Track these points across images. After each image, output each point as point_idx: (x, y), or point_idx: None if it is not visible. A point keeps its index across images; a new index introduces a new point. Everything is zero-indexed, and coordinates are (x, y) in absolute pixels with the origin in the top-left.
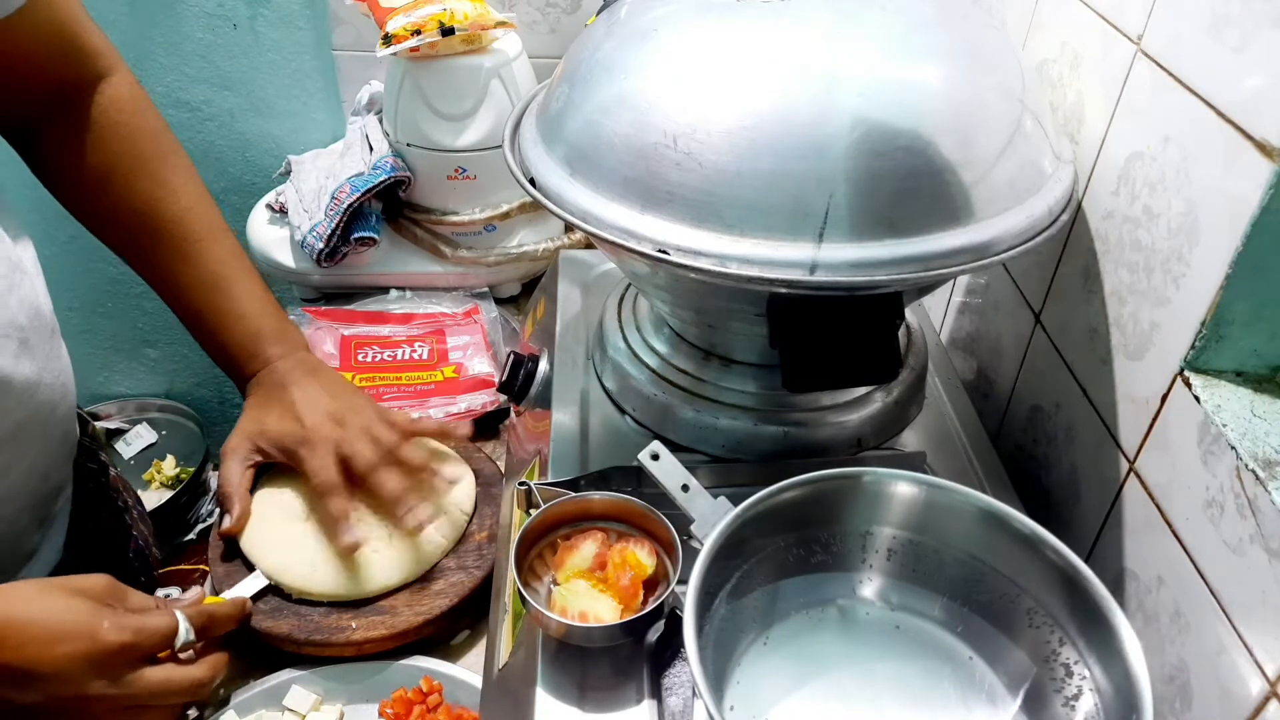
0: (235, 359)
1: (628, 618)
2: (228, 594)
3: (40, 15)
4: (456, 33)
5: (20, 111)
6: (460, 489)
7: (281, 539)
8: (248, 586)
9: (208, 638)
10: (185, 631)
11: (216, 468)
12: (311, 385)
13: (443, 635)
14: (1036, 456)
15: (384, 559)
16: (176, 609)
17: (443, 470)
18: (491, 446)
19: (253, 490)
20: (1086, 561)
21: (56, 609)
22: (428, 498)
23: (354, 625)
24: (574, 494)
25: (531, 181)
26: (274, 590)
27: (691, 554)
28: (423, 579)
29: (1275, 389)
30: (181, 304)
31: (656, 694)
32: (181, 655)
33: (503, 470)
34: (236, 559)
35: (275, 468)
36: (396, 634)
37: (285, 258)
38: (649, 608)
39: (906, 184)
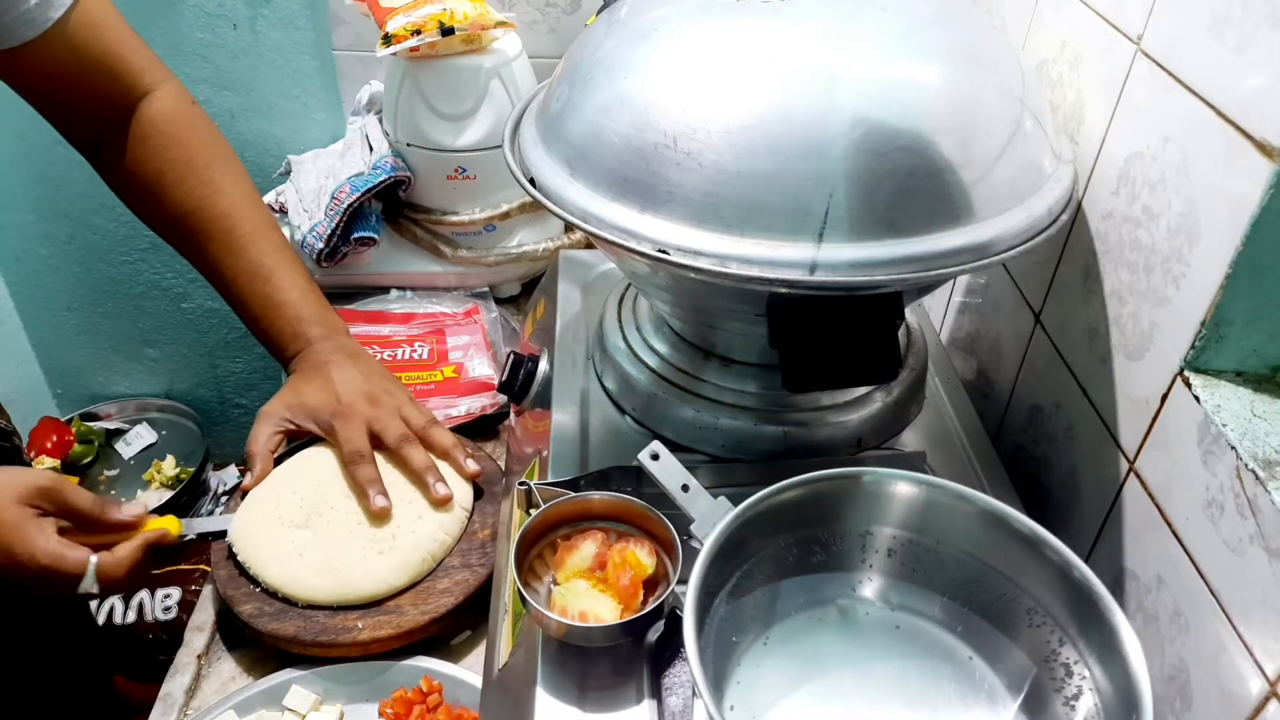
0: (279, 341)
1: (628, 618)
2: (186, 522)
3: (80, 38)
4: (456, 33)
5: (79, 127)
6: (459, 487)
7: (282, 549)
8: (211, 524)
9: (113, 583)
10: (89, 581)
11: (217, 467)
12: (350, 366)
13: (447, 634)
14: (1036, 456)
15: (388, 562)
16: (93, 555)
17: (468, 464)
18: (491, 446)
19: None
20: (1086, 561)
21: None
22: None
23: (360, 625)
24: (574, 494)
25: (531, 181)
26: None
27: (691, 554)
28: (427, 578)
29: (1275, 389)
30: (230, 294)
31: (656, 694)
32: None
33: (503, 470)
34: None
35: (272, 479)
36: (403, 633)
37: None
38: (649, 608)
39: (906, 184)
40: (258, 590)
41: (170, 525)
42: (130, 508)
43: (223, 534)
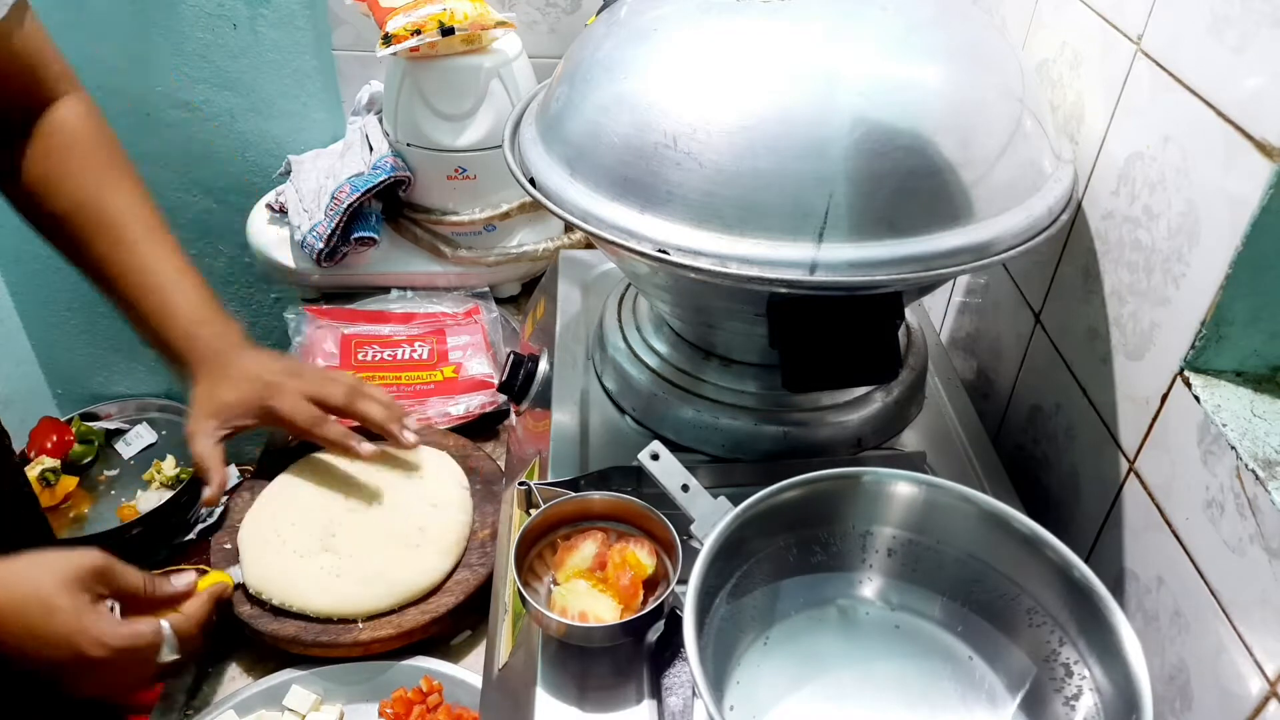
0: (175, 347)
1: (628, 618)
2: (233, 571)
3: (14, 43)
4: (456, 33)
5: None
6: (455, 496)
7: (316, 578)
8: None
9: (190, 644)
10: (170, 648)
11: None
12: (254, 354)
13: (448, 634)
14: (1036, 456)
15: (426, 553)
16: (164, 619)
17: (408, 434)
18: (491, 446)
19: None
20: (1086, 561)
21: (37, 615)
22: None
23: (360, 625)
24: (574, 494)
25: (531, 181)
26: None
27: (691, 554)
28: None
29: (1275, 389)
30: (119, 297)
31: (656, 694)
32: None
33: (503, 470)
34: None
35: (258, 523)
36: (403, 633)
37: (285, 258)
38: (649, 608)
39: (906, 184)
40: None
41: (224, 579)
42: (180, 579)
43: None
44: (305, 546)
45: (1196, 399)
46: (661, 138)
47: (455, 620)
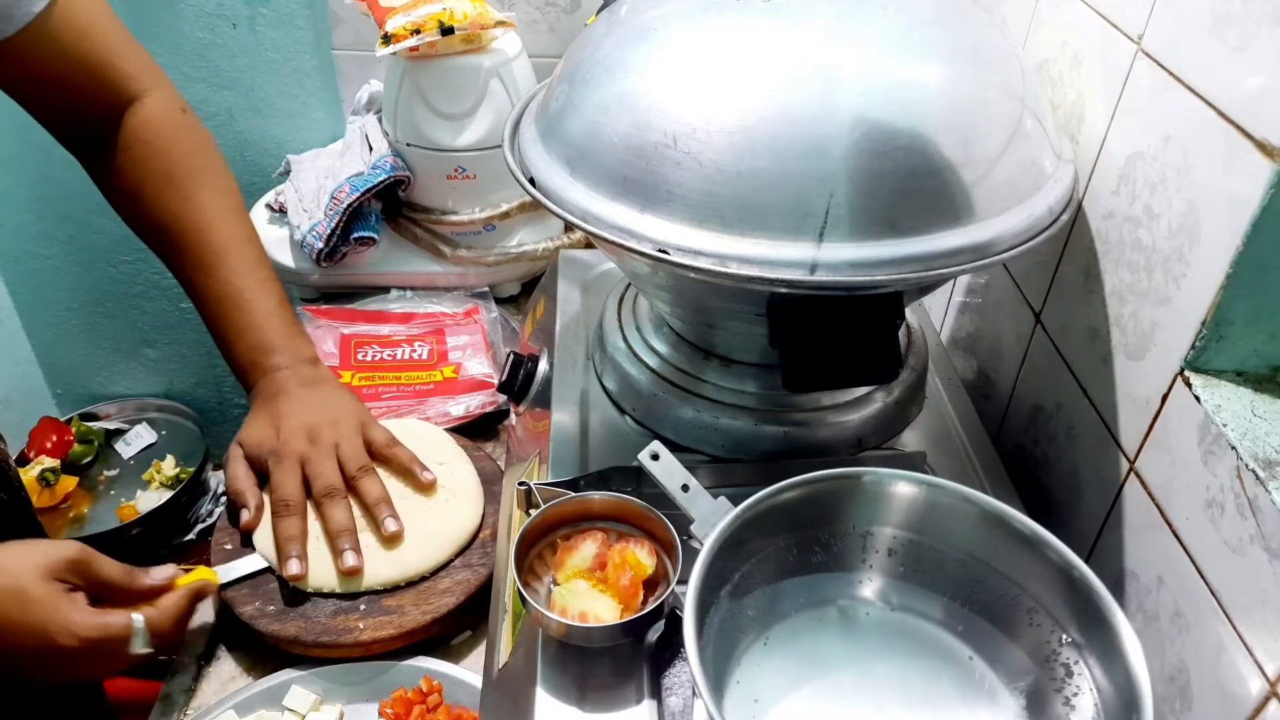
0: (241, 370)
1: (628, 618)
2: (221, 569)
3: (66, 40)
4: (456, 32)
5: (65, 129)
6: (467, 490)
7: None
8: (245, 565)
9: (164, 638)
10: (141, 640)
11: (216, 468)
12: (300, 397)
13: (448, 634)
14: (1037, 456)
15: (389, 555)
16: (136, 612)
17: (388, 524)
18: (491, 446)
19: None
20: (1086, 561)
21: (10, 603)
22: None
23: (361, 626)
24: (574, 494)
25: (531, 181)
26: (279, 592)
27: (691, 554)
28: (429, 578)
29: (1275, 389)
30: (202, 315)
31: (656, 694)
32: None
33: (503, 470)
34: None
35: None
36: (404, 633)
37: (285, 257)
38: (649, 608)
39: (907, 183)
40: (260, 591)
41: (209, 575)
42: (159, 571)
43: (258, 574)
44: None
45: (1197, 399)
46: (661, 137)
47: (456, 620)
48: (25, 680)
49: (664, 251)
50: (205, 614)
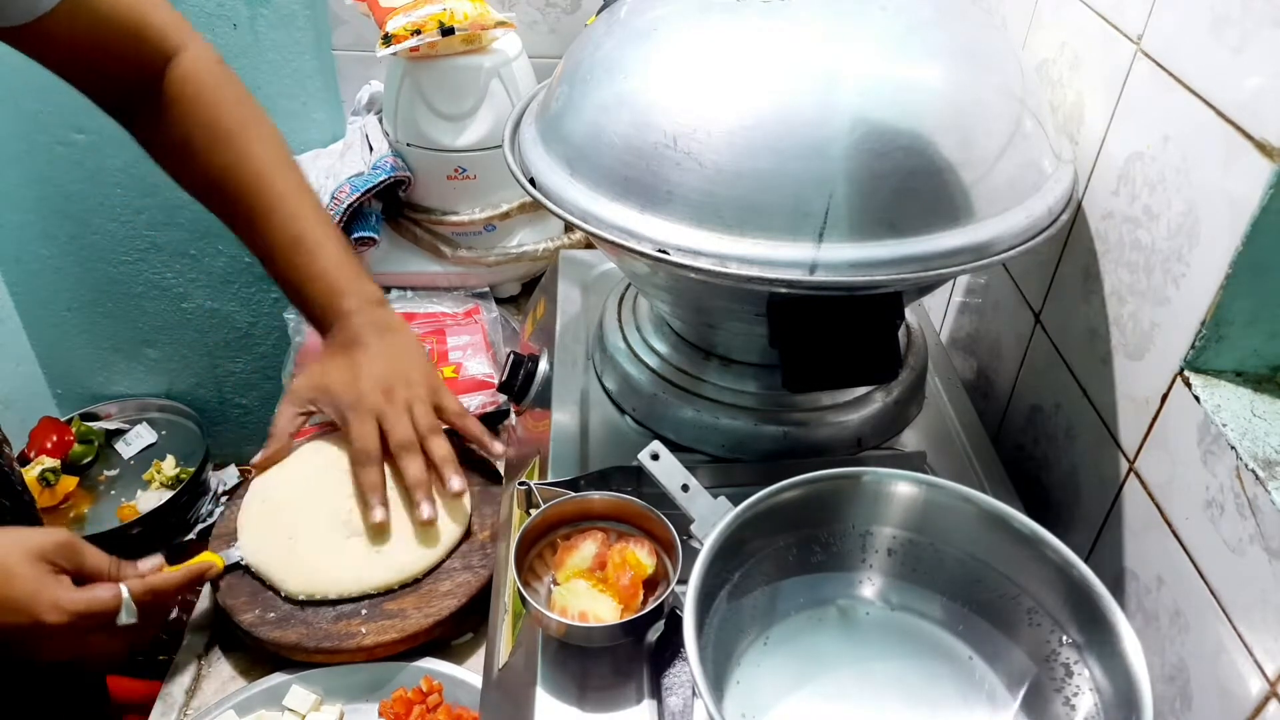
0: (314, 314)
1: (628, 618)
2: (225, 554)
3: (100, 10)
4: (456, 33)
5: (109, 94)
6: (448, 525)
7: (283, 551)
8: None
9: (153, 613)
10: (128, 612)
11: (217, 467)
12: (375, 349)
13: (450, 636)
14: (1036, 456)
15: (385, 556)
16: (122, 582)
17: (454, 481)
18: None
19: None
20: (1086, 561)
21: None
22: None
23: (364, 630)
24: (574, 494)
25: (531, 181)
26: (277, 599)
27: (691, 554)
28: (429, 580)
29: (1275, 389)
30: (267, 264)
31: (656, 694)
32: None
33: (502, 470)
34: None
35: (272, 477)
36: (407, 636)
37: None
38: (649, 608)
39: (906, 184)
40: (259, 597)
41: (213, 559)
42: (145, 562)
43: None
44: (293, 527)
45: (1196, 399)
46: (661, 138)
47: (457, 622)
48: (18, 659)
49: (664, 251)
50: (205, 613)
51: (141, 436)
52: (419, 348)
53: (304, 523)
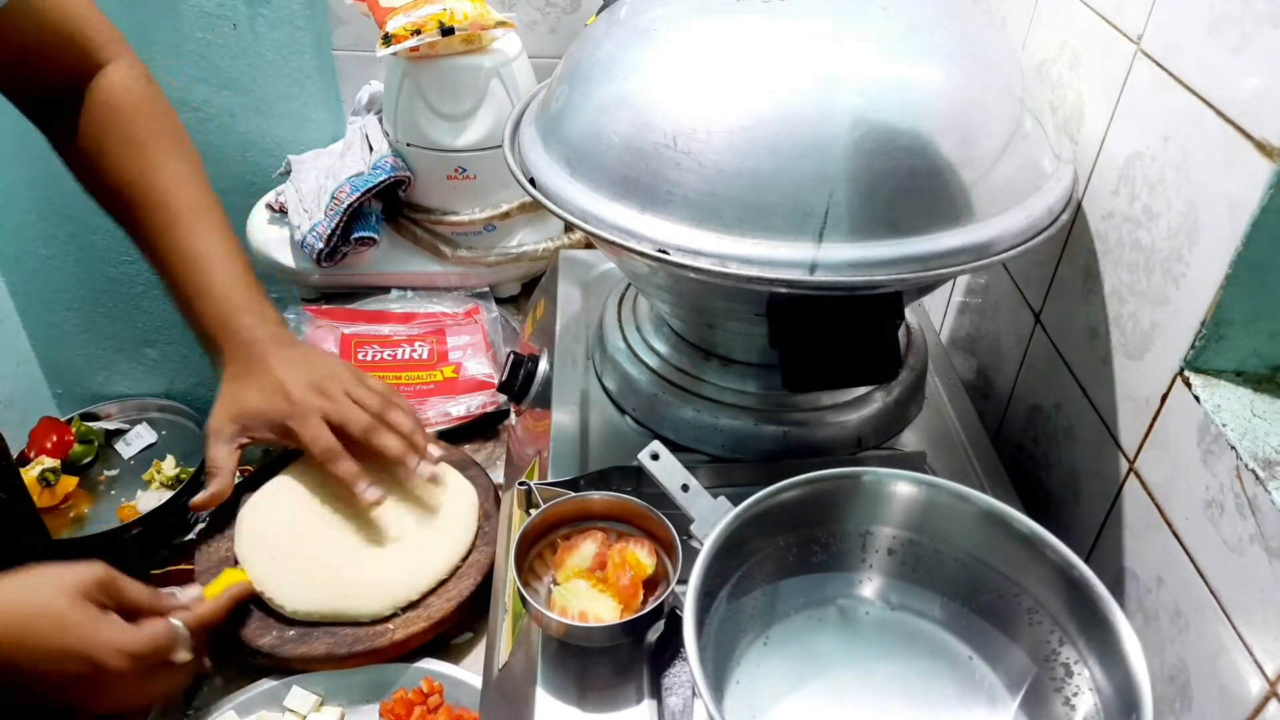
0: (206, 331)
1: (628, 618)
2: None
3: (44, 14)
4: (456, 33)
5: (34, 100)
6: (461, 507)
7: (298, 578)
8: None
9: (199, 645)
10: (184, 646)
11: None
12: (289, 356)
13: (470, 619)
14: (1036, 456)
15: (390, 578)
16: (174, 617)
17: (431, 450)
18: (491, 447)
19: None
20: (1086, 561)
21: (48, 627)
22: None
23: (392, 626)
24: (574, 494)
25: (531, 181)
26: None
27: (691, 554)
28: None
29: (1275, 389)
30: (164, 278)
31: (656, 694)
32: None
33: (502, 470)
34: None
35: (260, 509)
36: (434, 624)
37: (285, 258)
38: (649, 608)
39: (906, 184)
40: (271, 619)
41: (239, 577)
42: (185, 593)
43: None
44: (342, 555)
45: (1196, 399)
46: (661, 138)
47: (476, 602)
48: (75, 708)
49: (664, 251)
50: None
51: (141, 436)
52: (330, 353)
53: (312, 547)
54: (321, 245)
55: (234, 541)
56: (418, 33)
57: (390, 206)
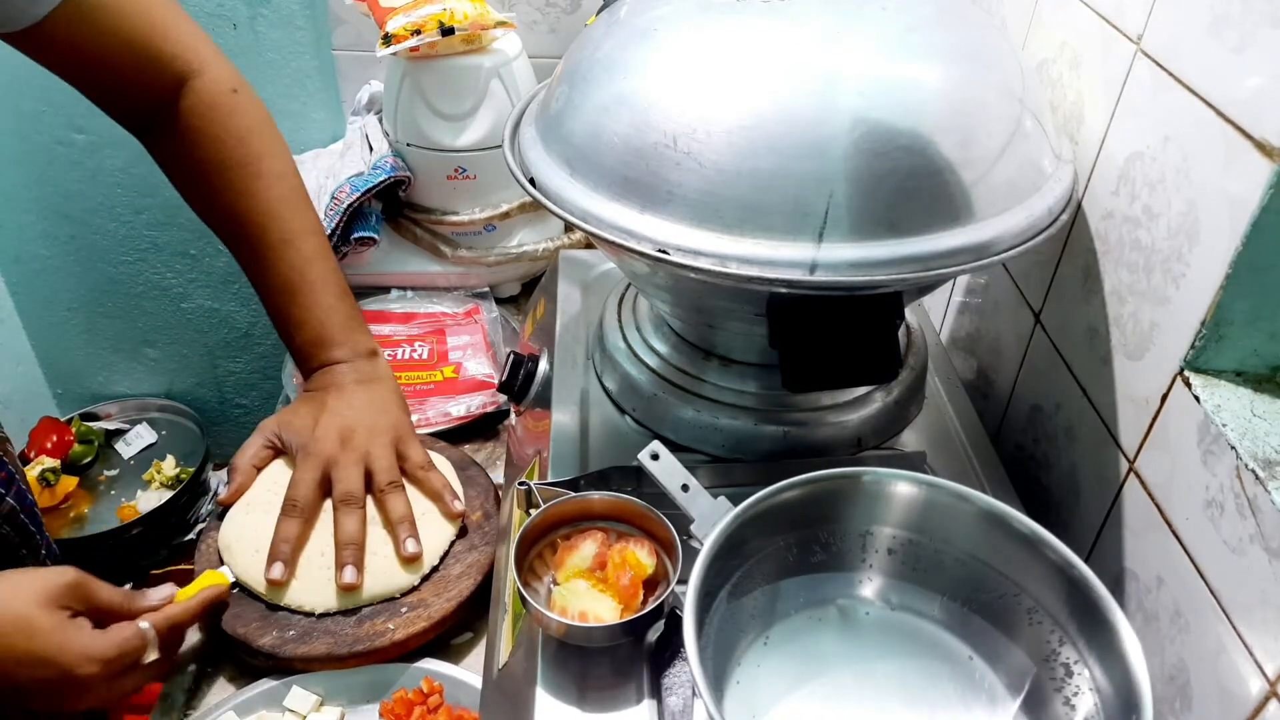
0: (300, 362)
1: (628, 618)
2: (226, 570)
3: (103, 19)
4: (456, 33)
5: (118, 109)
6: (435, 533)
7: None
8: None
9: (170, 645)
10: (153, 649)
11: (217, 468)
12: (350, 394)
13: (470, 619)
14: (1036, 456)
15: (370, 568)
16: (142, 620)
17: (408, 544)
18: (491, 447)
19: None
20: (1086, 561)
21: (16, 635)
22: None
23: (392, 626)
24: (574, 494)
25: (531, 181)
26: (291, 616)
27: (691, 554)
28: (440, 567)
29: (1275, 389)
30: (265, 306)
31: (656, 694)
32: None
33: (502, 470)
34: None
35: (247, 499)
36: (435, 623)
37: None
38: (649, 608)
39: (906, 184)
40: (272, 618)
41: (217, 579)
42: (156, 592)
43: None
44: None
45: (1196, 399)
46: (661, 138)
47: (475, 602)
48: (40, 711)
49: (664, 251)
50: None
51: (141, 436)
52: (398, 399)
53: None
54: None
55: (218, 532)
56: (418, 33)
57: (390, 206)
